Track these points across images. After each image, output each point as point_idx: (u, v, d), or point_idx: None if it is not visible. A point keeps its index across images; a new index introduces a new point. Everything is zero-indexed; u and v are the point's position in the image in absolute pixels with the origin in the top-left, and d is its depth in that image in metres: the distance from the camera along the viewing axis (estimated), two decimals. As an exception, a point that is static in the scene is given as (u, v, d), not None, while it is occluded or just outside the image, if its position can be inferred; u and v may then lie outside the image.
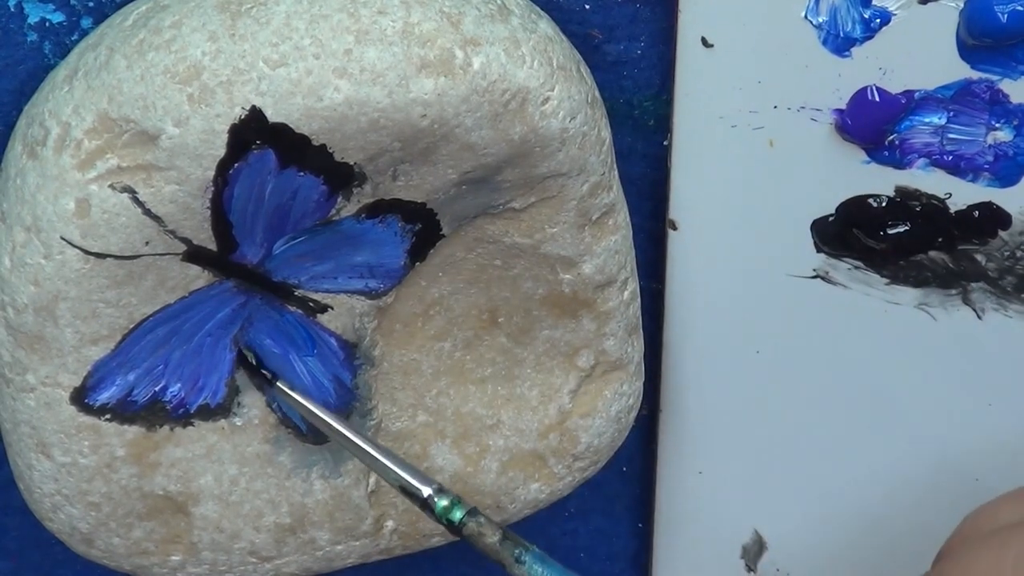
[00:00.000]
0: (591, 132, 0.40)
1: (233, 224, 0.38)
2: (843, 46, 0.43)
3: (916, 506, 0.49)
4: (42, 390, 0.39)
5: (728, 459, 0.49)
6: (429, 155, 0.38)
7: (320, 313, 0.41)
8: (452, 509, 0.39)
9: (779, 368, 0.47)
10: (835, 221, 0.45)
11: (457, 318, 0.43)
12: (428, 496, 0.39)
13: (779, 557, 0.51)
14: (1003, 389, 0.47)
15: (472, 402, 0.44)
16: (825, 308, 0.46)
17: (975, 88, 0.43)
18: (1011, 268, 0.45)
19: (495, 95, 0.37)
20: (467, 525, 0.38)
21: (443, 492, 0.39)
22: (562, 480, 0.45)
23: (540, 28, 0.39)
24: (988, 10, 0.41)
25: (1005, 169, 0.44)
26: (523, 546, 0.38)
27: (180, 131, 0.36)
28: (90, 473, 0.40)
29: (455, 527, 0.39)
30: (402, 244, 0.41)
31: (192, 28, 0.36)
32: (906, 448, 0.48)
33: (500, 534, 0.38)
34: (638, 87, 0.45)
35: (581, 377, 0.44)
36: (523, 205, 0.41)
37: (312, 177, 0.38)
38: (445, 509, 0.39)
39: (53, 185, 0.36)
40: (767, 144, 0.44)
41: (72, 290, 0.37)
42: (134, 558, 0.41)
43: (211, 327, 0.40)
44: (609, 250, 0.42)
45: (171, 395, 0.40)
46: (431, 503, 0.39)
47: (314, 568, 0.43)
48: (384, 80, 0.36)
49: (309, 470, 0.42)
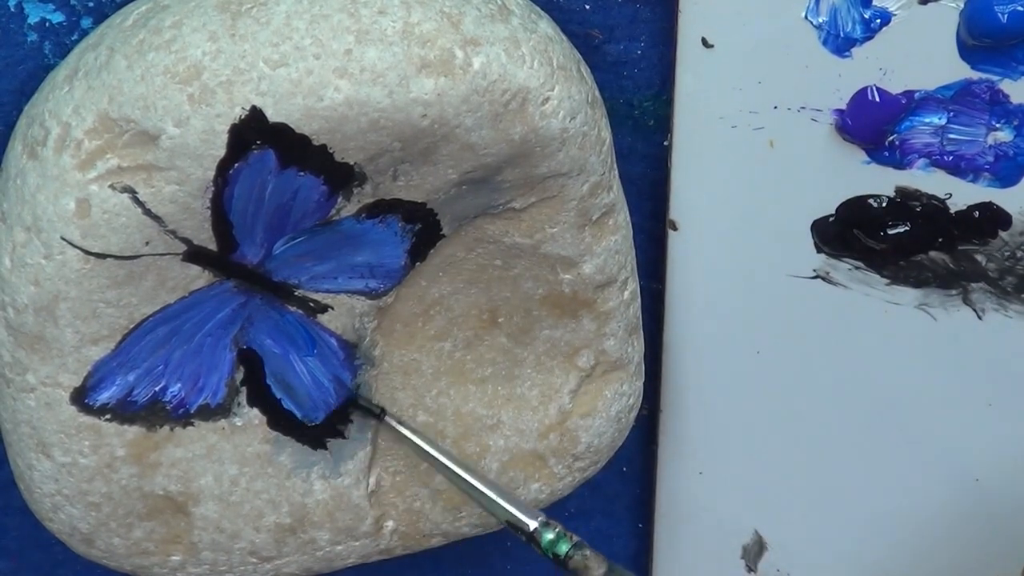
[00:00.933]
0: (591, 132, 0.39)
1: (233, 224, 0.38)
2: (843, 46, 0.43)
3: (916, 506, 0.49)
4: (42, 390, 0.39)
5: (728, 459, 0.49)
6: (429, 155, 0.38)
7: (320, 313, 0.41)
8: (558, 542, 0.39)
9: (779, 368, 0.47)
10: (835, 221, 0.45)
11: (457, 318, 0.43)
12: (534, 530, 0.39)
13: (779, 557, 0.51)
14: (1003, 389, 0.47)
15: (472, 402, 0.44)
16: (825, 308, 0.46)
17: (975, 88, 0.43)
18: (1011, 268, 0.45)
19: (495, 95, 0.37)
20: (573, 558, 0.39)
21: (548, 525, 0.39)
22: (562, 480, 0.45)
23: (540, 28, 0.39)
24: (988, 10, 0.41)
25: (1005, 169, 0.44)
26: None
27: (180, 131, 0.36)
28: (90, 473, 0.40)
29: (561, 560, 0.39)
30: (402, 244, 0.41)
31: (192, 28, 0.36)
32: (906, 448, 0.48)
33: (606, 567, 0.38)
34: (638, 87, 0.45)
35: (581, 377, 0.44)
36: (523, 205, 0.41)
37: (312, 177, 0.37)
38: (551, 543, 0.39)
39: (53, 185, 0.36)
40: (767, 144, 0.44)
41: (72, 290, 0.37)
42: (134, 558, 0.41)
43: (211, 327, 0.40)
44: (609, 250, 0.42)
45: (171, 395, 0.40)
46: (537, 537, 0.39)
47: (314, 568, 0.43)
48: (384, 80, 0.36)
49: (309, 470, 0.42)
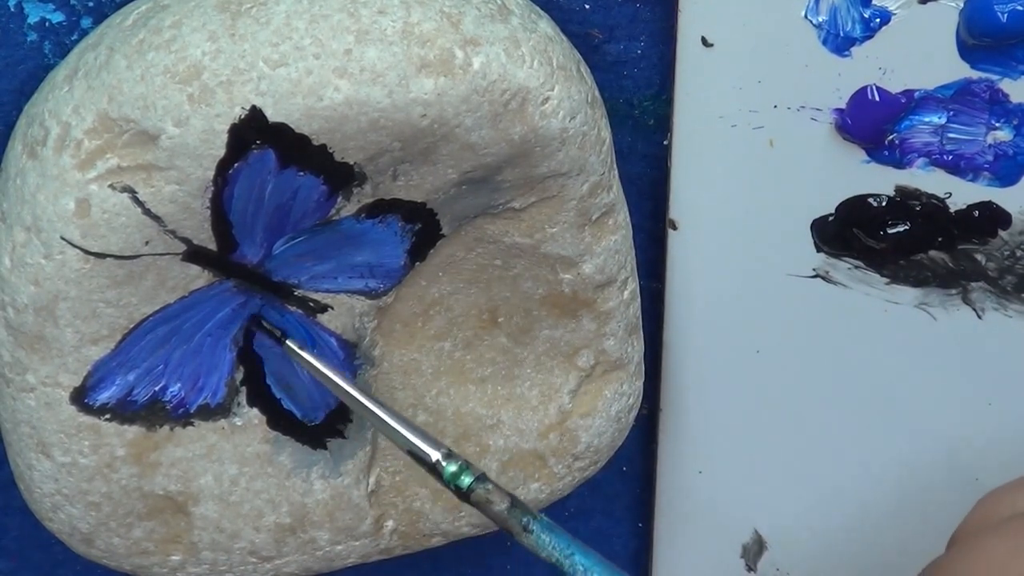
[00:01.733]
0: (591, 132, 0.39)
1: (233, 224, 0.38)
2: (843, 46, 0.43)
3: (916, 506, 0.49)
4: (42, 390, 0.39)
5: (728, 459, 0.49)
6: (429, 155, 0.38)
7: (320, 313, 0.41)
8: (461, 475, 0.37)
9: (779, 368, 0.47)
10: (835, 221, 0.45)
11: (457, 318, 0.43)
12: (436, 461, 0.38)
13: (779, 557, 0.51)
14: (1003, 389, 0.47)
15: (472, 402, 0.44)
16: (825, 308, 0.46)
17: (975, 88, 0.43)
18: (1011, 268, 0.45)
19: (495, 95, 0.37)
20: (475, 491, 0.37)
21: (452, 457, 0.38)
22: (562, 480, 0.45)
23: (540, 28, 0.39)
24: (988, 10, 0.41)
25: (1005, 169, 0.44)
26: (531, 514, 0.37)
27: (180, 131, 0.36)
28: (90, 473, 0.40)
29: (463, 493, 0.37)
30: (402, 244, 0.41)
31: (192, 28, 0.36)
32: (906, 448, 0.48)
33: (509, 501, 0.37)
34: (638, 87, 0.45)
35: (581, 377, 0.44)
36: (523, 205, 0.41)
37: (312, 177, 0.37)
38: (453, 475, 0.37)
39: (53, 185, 0.36)
40: (767, 144, 0.44)
41: (72, 290, 0.37)
42: (134, 558, 0.41)
43: (211, 327, 0.40)
44: (609, 250, 0.42)
45: (171, 395, 0.40)
46: (439, 468, 0.38)
47: (314, 568, 0.43)
48: (384, 80, 0.36)
49: (309, 470, 0.42)
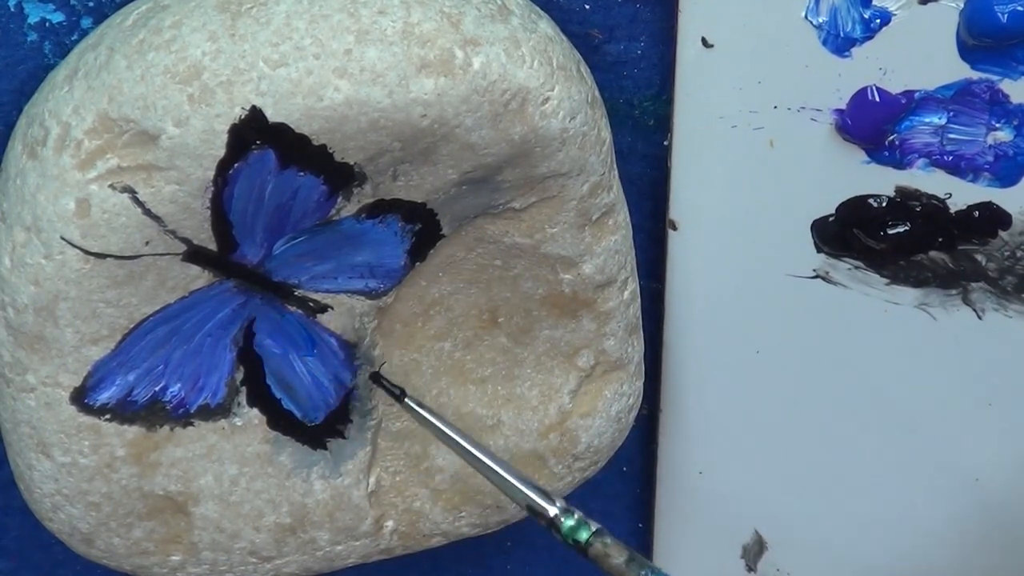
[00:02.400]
0: (591, 132, 0.39)
1: (233, 224, 0.38)
2: (843, 46, 0.43)
3: (916, 506, 0.49)
4: (42, 390, 0.39)
5: (728, 459, 0.49)
6: (429, 155, 0.38)
7: (320, 313, 0.41)
8: (578, 529, 0.38)
9: (779, 368, 0.47)
10: (835, 221, 0.45)
11: (457, 318, 0.43)
12: (555, 516, 0.39)
13: (779, 557, 0.51)
14: (1003, 389, 0.47)
15: (472, 402, 0.44)
16: (825, 308, 0.46)
17: (975, 88, 0.43)
18: (1011, 268, 0.45)
19: (495, 95, 0.37)
20: (593, 546, 0.38)
21: (569, 512, 0.39)
22: (562, 480, 0.45)
23: (540, 28, 0.39)
24: (988, 10, 0.41)
25: (1005, 169, 0.44)
26: (649, 567, 0.37)
27: (180, 131, 0.36)
28: (90, 473, 0.40)
29: (581, 547, 0.38)
30: (402, 244, 0.41)
31: (192, 28, 0.36)
32: (906, 448, 0.48)
33: (627, 555, 0.38)
34: (638, 87, 0.45)
35: (581, 377, 0.44)
36: (523, 205, 0.41)
37: (312, 177, 0.37)
38: (571, 529, 0.38)
39: (53, 185, 0.36)
40: (767, 144, 0.44)
41: (72, 290, 0.37)
42: (134, 558, 0.41)
43: (211, 327, 0.40)
44: (609, 250, 0.42)
45: (171, 395, 0.40)
46: (557, 523, 0.38)
47: (314, 568, 0.43)
48: (384, 80, 0.36)
49: (309, 470, 0.42)
